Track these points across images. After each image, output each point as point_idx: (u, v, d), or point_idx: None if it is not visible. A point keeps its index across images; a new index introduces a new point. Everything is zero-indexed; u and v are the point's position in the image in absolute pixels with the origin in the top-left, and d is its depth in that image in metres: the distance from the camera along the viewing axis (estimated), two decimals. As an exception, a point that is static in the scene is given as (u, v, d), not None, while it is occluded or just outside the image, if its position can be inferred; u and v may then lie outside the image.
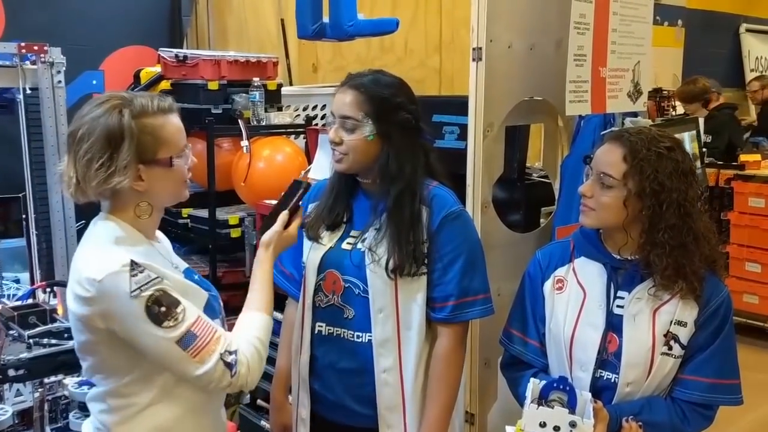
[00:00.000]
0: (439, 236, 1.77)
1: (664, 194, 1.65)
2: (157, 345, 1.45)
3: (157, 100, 1.55)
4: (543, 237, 2.43)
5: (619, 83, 2.25)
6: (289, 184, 1.77)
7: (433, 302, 1.79)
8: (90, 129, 1.49)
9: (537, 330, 1.85)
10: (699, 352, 1.71)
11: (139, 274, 1.43)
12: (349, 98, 1.76)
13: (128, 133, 1.48)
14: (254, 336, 1.55)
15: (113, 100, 1.52)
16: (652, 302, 1.70)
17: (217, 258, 3.33)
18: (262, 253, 1.68)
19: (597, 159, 1.74)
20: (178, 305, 1.46)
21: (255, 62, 3.44)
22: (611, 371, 1.72)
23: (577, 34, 2.07)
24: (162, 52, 3.44)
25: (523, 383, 1.81)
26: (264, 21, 4.61)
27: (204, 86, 3.29)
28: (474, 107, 2.13)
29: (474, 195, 2.17)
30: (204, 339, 1.46)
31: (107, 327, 1.46)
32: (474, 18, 2.08)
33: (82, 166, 1.49)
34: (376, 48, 5.14)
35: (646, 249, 1.68)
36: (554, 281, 1.83)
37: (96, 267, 1.44)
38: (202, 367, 1.45)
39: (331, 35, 3.10)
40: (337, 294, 1.81)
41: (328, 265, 1.83)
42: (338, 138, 1.76)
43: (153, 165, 1.51)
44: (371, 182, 1.81)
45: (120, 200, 1.54)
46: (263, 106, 3.36)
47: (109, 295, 1.42)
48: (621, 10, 2.20)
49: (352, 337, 1.80)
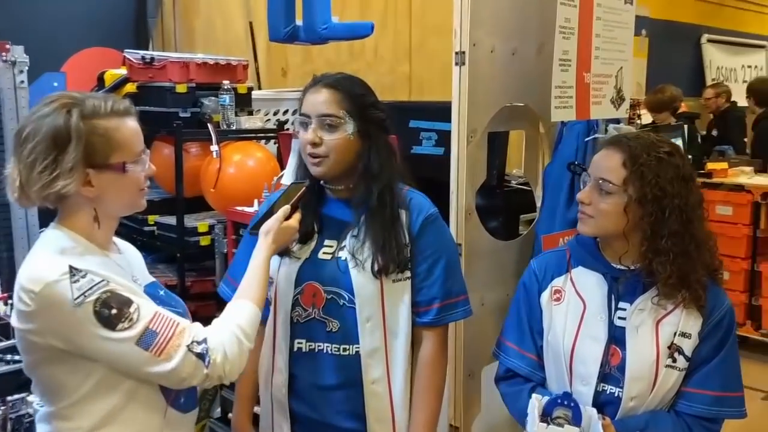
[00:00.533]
0: (420, 239, 1.74)
1: (666, 200, 1.59)
2: (114, 351, 1.35)
3: (111, 102, 1.45)
4: (526, 244, 2.38)
5: (602, 89, 2.22)
6: (285, 187, 1.72)
7: (417, 306, 1.75)
8: (35, 128, 1.39)
9: (534, 342, 1.78)
10: (703, 364, 1.66)
11: (81, 279, 1.34)
12: (327, 96, 1.69)
13: (75, 134, 1.38)
14: (235, 323, 1.47)
15: (63, 99, 1.42)
16: (654, 313, 1.65)
17: (185, 267, 3.22)
18: (261, 241, 1.61)
19: (595, 165, 1.69)
20: (130, 304, 1.36)
21: (224, 65, 3.35)
22: (614, 385, 1.66)
23: (563, 39, 2.04)
24: (128, 53, 3.33)
25: (521, 398, 1.77)
26: (232, 24, 4.53)
27: (172, 89, 3.19)
28: (457, 112, 2.07)
29: (458, 202, 2.11)
30: (165, 334, 1.37)
31: (50, 343, 1.35)
32: (456, 21, 2.03)
33: (25, 168, 1.39)
34: (346, 53, 5.10)
35: (648, 257, 1.62)
36: (552, 292, 1.76)
37: (34, 277, 1.35)
38: (168, 363, 1.36)
39: (304, 38, 3.04)
40: (318, 307, 1.73)
41: (307, 277, 1.74)
42: (318, 138, 1.68)
43: (104, 170, 1.42)
44: (343, 188, 1.76)
45: (69, 207, 1.44)
46: (233, 110, 3.27)
47: (50, 307, 1.33)
48: (604, 15, 2.17)
49: (338, 350, 1.72)
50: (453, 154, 2.11)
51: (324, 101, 1.69)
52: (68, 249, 1.40)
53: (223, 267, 3.19)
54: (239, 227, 3.04)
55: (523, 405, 1.74)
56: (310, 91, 1.73)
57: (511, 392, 1.83)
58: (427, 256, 1.75)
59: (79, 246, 1.42)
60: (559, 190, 2.23)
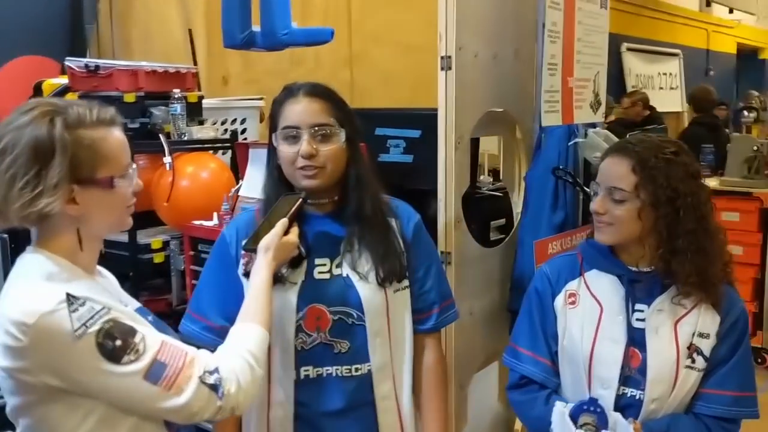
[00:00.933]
0: (415, 245, 1.73)
1: (679, 200, 1.60)
2: (119, 386, 1.23)
3: (96, 110, 1.33)
4: (508, 250, 2.36)
5: (583, 93, 2.23)
6: (278, 200, 1.63)
7: (418, 314, 1.73)
8: (14, 140, 1.25)
9: (548, 348, 1.77)
10: (721, 364, 1.67)
11: (80, 308, 1.21)
12: (316, 105, 1.62)
13: (60, 146, 1.25)
14: (245, 349, 1.37)
15: (43, 107, 1.28)
16: (673, 314, 1.66)
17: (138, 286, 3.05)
18: (261, 260, 1.51)
19: (603, 173, 1.68)
20: (134, 334, 1.24)
21: (174, 73, 3.20)
22: (634, 387, 1.66)
23: (550, 43, 2.03)
24: (69, 61, 3.13)
25: (536, 406, 1.75)
26: (170, 30, 4.36)
27: (119, 98, 3.01)
28: (444, 118, 2.03)
29: (446, 210, 2.06)
30: (175, 365, 1.26)
31: (45, 382, 1.22)
32: (442, 25, 1.99)
33: (2, 185, 1.25)
34: (287, 61, 4.99)
35: (666, 258, 1.62)
36: (566, 296, 1.75)
37: (25, 309, 1.20)
38: (180, 397, 1.25)
39: (262, 44, 2.93)
40: (324, 330, 1.64)
41: (308, 300, 1.64)
42: (314, 150, 1.60)
43: (90, 186, 1.29)
44: (328, 201, 1.68)
45: (49, 228, 1.31)
46: (185, 119, 3.13)
47: (46, 340, 1.19)
48: (584, 19, 2.17)
49: (349, 371, 1.65)
50: (440, 160, 2.06)
51: (314, 110, 1.62)
52: (54, 275, 1.27)
53: (179, 285, 3.04)
54: (197, 243, 2.90)
55: (539, 413, 1.74)
56: (289, 101, 1.64)
57: (525, 400, 1.80)
58: (422, 261, 1.73)
59: (64, 271, 1.29)
60: (544, 196, 2.22)
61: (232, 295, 1.65)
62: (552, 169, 2.16)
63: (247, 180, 3.08)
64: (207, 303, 1.71)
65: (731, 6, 11.08)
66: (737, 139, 4.99)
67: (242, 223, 1.74)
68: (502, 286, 2.38)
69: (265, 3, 2.78)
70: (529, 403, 1.78)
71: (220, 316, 1.68)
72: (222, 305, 1.68)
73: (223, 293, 1.68)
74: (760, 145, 4.61)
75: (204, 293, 1.74)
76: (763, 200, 4.54)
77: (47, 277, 1.26)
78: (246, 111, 3.85)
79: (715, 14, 11.30)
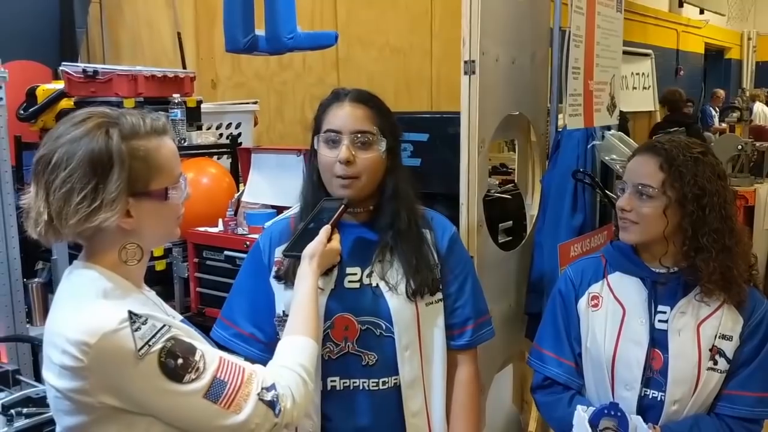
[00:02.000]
0: (450, 258, 1.68)
1: (706, 198, 1.61)
2: (180, 406, 1.19)
3: (150, 119, 1.27)
4: (525, 254, 2.37)
5: (601, 96, 2.25)
6: (319, 204, 1.60)
7: (452, 329, 1.68)
8: (68, 153, 1.19)
9: (572, 350, 1.77)
10: (743, 366, 1.68)
11: (142, 326, 1.17)
12: (360, 112, 1.59)
13: (118, 159, 1.20)
14: (296, 363, 1.33)
15: (96, 118, 1.23)
16: (695, 316, 1.66)
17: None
18: (305, 268, 1.47)
19: (632, 171, 1.69)
20: (194, 352, 1.21)
21: (172, 77, 3.17)
22: (656, 389, 1.67)
23: (575, 47, 2.04)
24: (65, 66, 3.07)
25: (560, 407, 1.76)
26: (159, 34, 4.31)
27: (119, 104, 2.96)
28: (467, 122, 2.02)
29: (469, 214, 2.06)
30: (234, 383, 1.22)
31: (103, 402, 1.18)
32: (465, 30, 1.98)
33: (57, 200, 1.19)
34: (275, 64, 4.99)
35: (690, 256, 1.64)
36: (589, 298, 1.76)
37: (86, 328, 1.16)
38: (239, 415, 1.21)
39: (266, 48, 2.91)
40: (351, 340, 1.60)
41: (337, 309, 1.60)
42: (352, 156, 1.57)
43: (144, 198, 1.24)
44: (363, 210, 1.65)
45: (101, 242, 1.26)
46: (185, 124, 3.09)
47: (108, 360, 1.15)
48: (603, 23, 2.19)
49: (376, 385, 1.61)
50: (463, 164, 2.06)
51: (357, 117, 1.58)
52: (109, 291, 1.22)
53: (182, 292, 2.99)
54: (202, 250, 2.86)
55: (563, 414, 1.75)
56: (334, 105, 1.61)
57: (549, 401, 1.81)
58: (457, 275, 1.69)
59: (118, 287, 1.24)
60: (563, 198, 2.23)
61: (263, 302, 1.63)
62: (572, 171, 2.17)
63: (249, 185, 3.05)
64: (238, 310, 1.67)
65: (703, 7, 11.31)
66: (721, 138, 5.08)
67: (276, 231, 1.71)
68: (519, 290, 2.39)
69: (270, 7, 2.76)
70: (553, 404, 1.79)
71: (250, 323, 1.66)
72: (252, 313, 1.66)
73: (253, 301, 1.66)
74: (744, 144, 4.70)
75: (235, 300, 1.71)
76: (747, 198, 4.63)
77: (103, 294, 1.22)
78: (240, 115, 3.82)
79: (685, 15, 11.52)
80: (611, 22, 2.26)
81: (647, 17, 9.91)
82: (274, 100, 5.05)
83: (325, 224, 1.53)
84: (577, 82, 2.08)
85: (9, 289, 2.67)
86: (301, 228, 1.57)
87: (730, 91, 12.32)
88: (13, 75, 3.42)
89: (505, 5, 2.12)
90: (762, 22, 14.30)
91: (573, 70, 2.05)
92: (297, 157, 2.81)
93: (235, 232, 2.76)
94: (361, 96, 1.62)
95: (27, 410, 1.72)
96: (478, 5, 1.94)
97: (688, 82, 11.81)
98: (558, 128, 2.23)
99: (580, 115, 2.13)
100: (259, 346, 1.64)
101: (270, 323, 1.63)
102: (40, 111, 3.22)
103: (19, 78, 3.43)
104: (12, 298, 2.67)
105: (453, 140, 2.12)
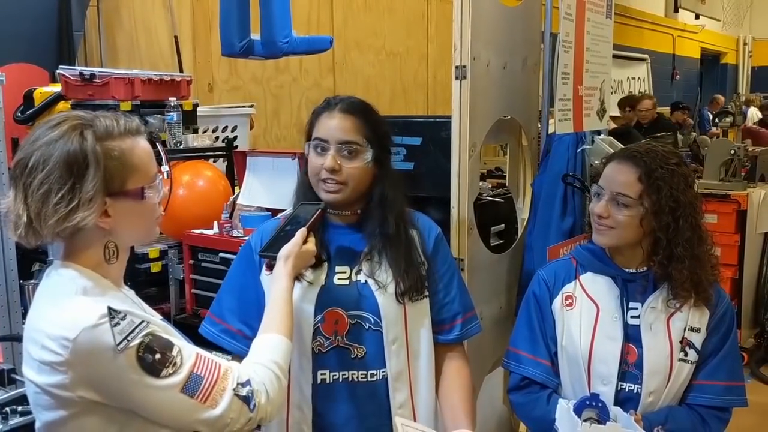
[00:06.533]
0: (436, 257, 1.74)
1: (680, 210, 1.68)
2: (157, 400, 1.23)
3: (123, 120, 1.31)
4: (516, 256, 2.40)
5: (590, 101, 2.28)
6: (295, 207, 1.65)
7: (441, 324, 1.74)
8: (44, 155, 1.23)
9: (548, 349, 1.83)
10: (711, 356, 1.76)
11: (122, 321, 1.20)
12: (347, 123, 1.63)
13: (93, 159, 1.23)
14: (271, 360, 1.37)
15: (70, 121, 1.27)
16: (665, 311, 1.74)
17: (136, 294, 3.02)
18: (281, 268, 1.51)
19: (610, 179, 1.74)
20: (172, 347, 1.24)
21: (169, 81, 3.18)
22: (632, 382, 1.74)
23: (564, 53, 2.07)
24: (63, 69, 3.10)
25: (538, 406, 1.82)
26: (156, 38, 4.33)
27: (116, 107, 2.98)
28: (458, 126, 2.06)
29: (459, 217, 2.09)
30: (211, 378, 1.26)
31: (82, 396, 1.21)
32: (456, 35, 2.02)
33: (36, 201, 1.23)
34: (272, 68, 5.01)
35: (663, 264, 1.70)
36: (563, 298, 1.82)
37: (66, 323, 1.19)
38: (215, 410, 1.25)
39: (261, 52, 2.94)
40: (341, 334, 1.66)
41: (327, 303, 1.66)
42: (338, 165, 1.62)
43: (121, 197, 1.27)
44: (350, 213, 1.70)
45: (80, 242, 1.29)
46: (181, 127, 3.11)
47: (88, 354, 1.18)
48: (592, 29, 2.22)
49: (365, 377, 1.66)
50: (453, 168, 2.09)
51: (344, 127, 1.63)
52: (89, 289, 1.25)
53: (177, 294, 3.02)
54: (197, 252, 2.89)
55: (542, 412, 1.80)
56: (324, 114, 1.66)
57: (527, 401, 1.85)
58: (443, 274, 1.75)
59: (97, 285, 1.27)
60: (553, 202, 2.26)
61: (252, 300, 1.67)
62: (562, 175, 2.20)
63: (245, 188, 3.07)
64: (226, 307, 1.71)
65: (698, 12, 11.37)
66: (715, 143, 5.11)
67: (267, 230, 1.74)
68: (509, 292, 2.42)
69: (266, 11, 2.79)
70: (531, 403, 1.84)
71: (239, 320, 1.70)
72: (241, 310, 1.70)
73: (242, 298, 1.70)
74: (737, 148, 4.73)
75: (224, 297, 1.75)
76: (740, 202, 4.66)
77: (83, 291, 1.25)
78: (236, 119, 3.84)
79: (681, 20, 11.58)
80: (601, 28, 2.29)
81: (643, 22, 9.97)
82: (271, 103, 5.08)
83: (301, 227, 1.57)
84: (567, 87, 2.12)
85: (5, 290, 2.71)
86: (278, 229, 1.62)
87: (726, 96, 12.38)
88: (11, 78, 3.46)
89: (497, 10, 2.16)
90: (757, 27, 14.38)
91: (562, 75, 2.09)
92: (292, 160, 2.84)
93: (231, 234, 2.79)
94: (351, 106, 1.66)
95: (22, 408, 1.77)
96: (469, 10, 1.97)
97: (684, 86, 11.88)
98: (549, 132, 2.26)
99: (569, 120, 2.16)
100: (246, 342, 1.65)
101: (258, 320, 1.66)
102: (38, 114, 3.25)
103: (17, 81, 3.46)
104: (8, 298, 2.71)
105: (446, 144, 2.16)
